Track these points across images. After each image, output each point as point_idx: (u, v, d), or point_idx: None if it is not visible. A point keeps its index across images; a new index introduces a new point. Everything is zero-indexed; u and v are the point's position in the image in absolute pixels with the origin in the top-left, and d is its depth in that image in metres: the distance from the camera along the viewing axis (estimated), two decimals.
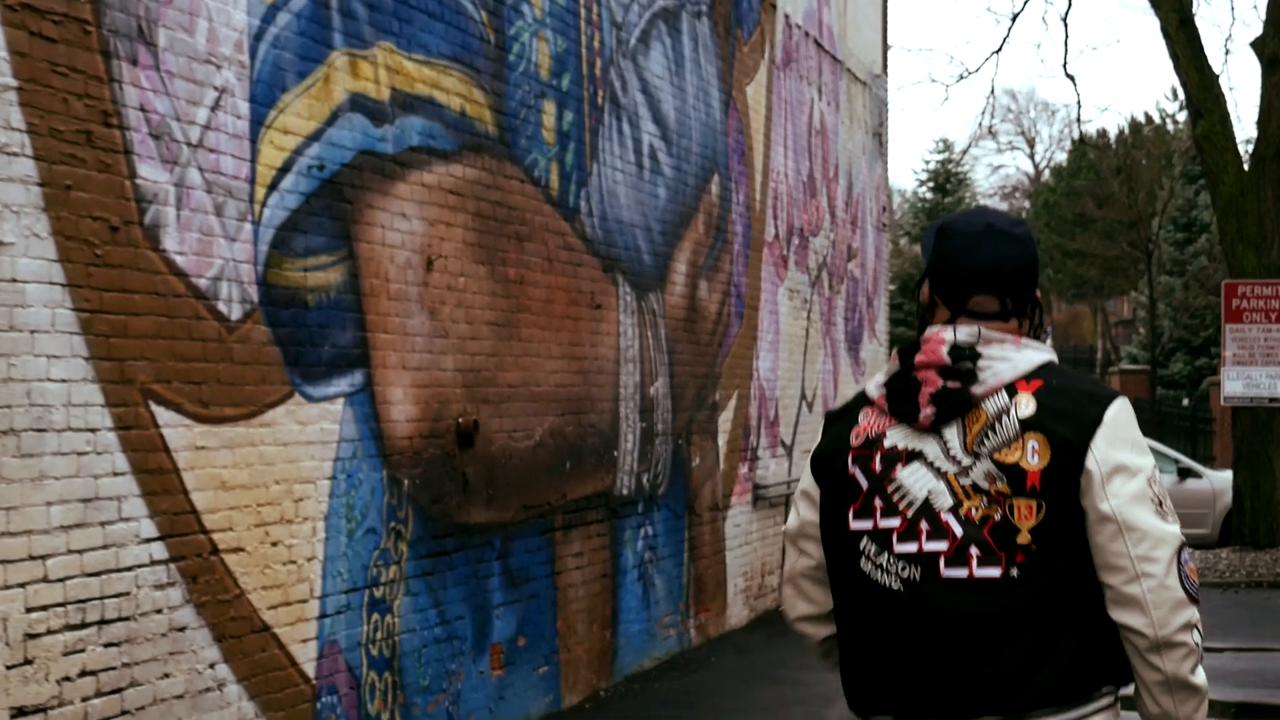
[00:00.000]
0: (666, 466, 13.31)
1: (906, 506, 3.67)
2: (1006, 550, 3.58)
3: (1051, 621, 3.59)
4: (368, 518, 8.78)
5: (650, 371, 12.96)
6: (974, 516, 3.61)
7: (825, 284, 18.61)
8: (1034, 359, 3.71)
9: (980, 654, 3.59)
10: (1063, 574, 3.60)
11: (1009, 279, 3.77)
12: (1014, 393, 3.66)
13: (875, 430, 3.75)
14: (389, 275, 9.00)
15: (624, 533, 12.44)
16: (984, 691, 3.59)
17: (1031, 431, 3.61)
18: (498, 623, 10.30)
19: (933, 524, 3.64)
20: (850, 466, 3.75)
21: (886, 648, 3.68)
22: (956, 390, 3.69)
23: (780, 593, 4.08)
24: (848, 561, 3.75)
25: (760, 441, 15.99)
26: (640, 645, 12.75)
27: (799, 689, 12.30)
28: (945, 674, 3.62)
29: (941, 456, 3.68)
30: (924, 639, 3.63)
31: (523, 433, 10.63)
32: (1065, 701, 3.60)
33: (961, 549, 3.60)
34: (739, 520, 15.28)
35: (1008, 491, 3.59)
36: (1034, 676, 3.58)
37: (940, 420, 3.69)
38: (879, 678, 3.71)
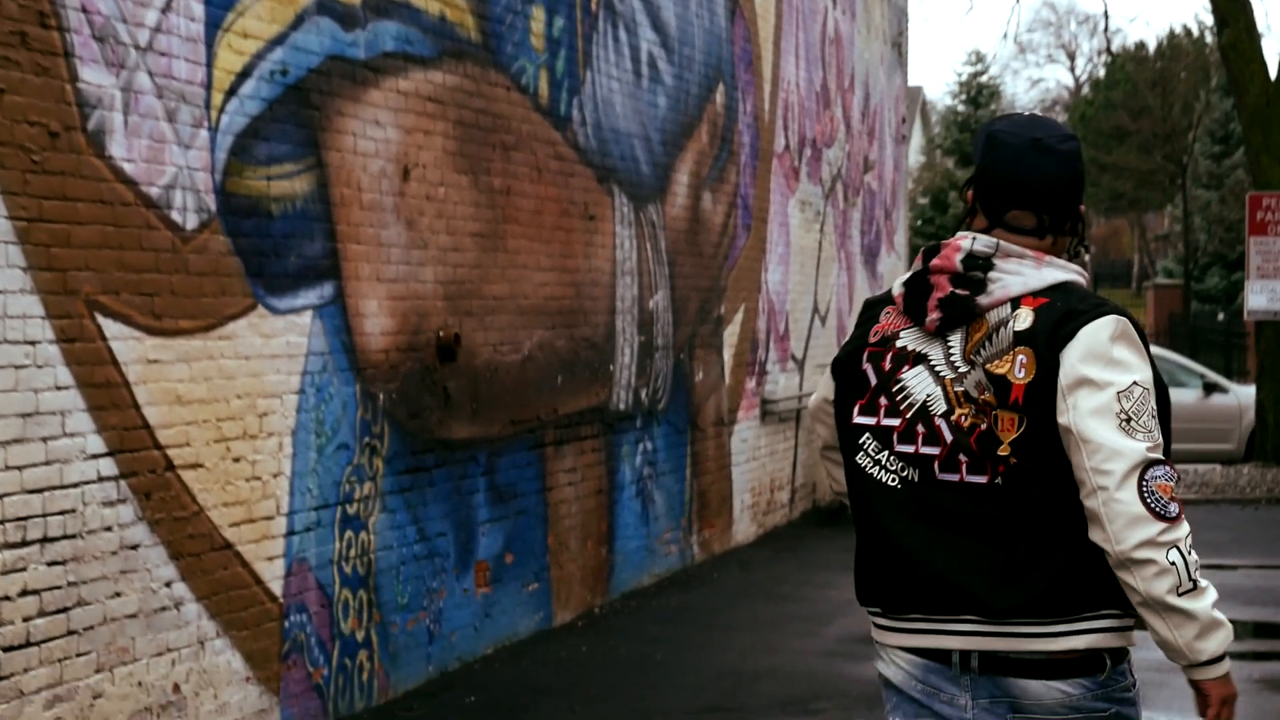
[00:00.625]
0: (667, 381, 13.09)
1: (907, 408, 3.74)
2: (989, 460, 3.62)
3: (1040, 533, 3.62)
4: (339, 433, 8.58)
5: (649, 284, 12.71)
6: (963, 424, 3.66)
7: (840, 196, 18.31)
8: (1050, 277, 3.72)
9: (967, 557, 3.65)
10: (1048, 489, 3.61)
11: (1047, 196, 3.77)
12: (1017, 306, 3.68)
13: (891, 329, 3.83)
14: (361, 184, 8.77)
15: (621, 448, 12.24)
16: (966, 593, 3.64)
17: (1022, 345, 3.63)
18: (483, 539, 10.12)
19: (928, 428, 3.71)
20: (864, 362, 3.84)
21: (881, 542, 3.76)
22: (963, 298, 3.71)
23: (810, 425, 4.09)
24: (849, 452, 3.85)
25: (769, 356, 15.75)
26: (639, 562, 12.57)
27: (799, 605, 12.12)
28: (932, 572, 3.68)
29: (943, 362, 3.73)
30: (916, 537, 3.71)
31: (510, 346, 10.41)
32: (1048, 615, 3.61)
33: (952, 454, 3.67)
34: (745, 436, 15.06)
35: (994, 402, 3.63)
36: (1017, 585, 3.61)
37: (945, 326, 3.73)
38: (873, 570, 3.79)
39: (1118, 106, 51.98)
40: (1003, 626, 3.64)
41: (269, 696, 8.02)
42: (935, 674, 3.75)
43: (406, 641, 9.26)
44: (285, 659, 8.15)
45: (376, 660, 8.95)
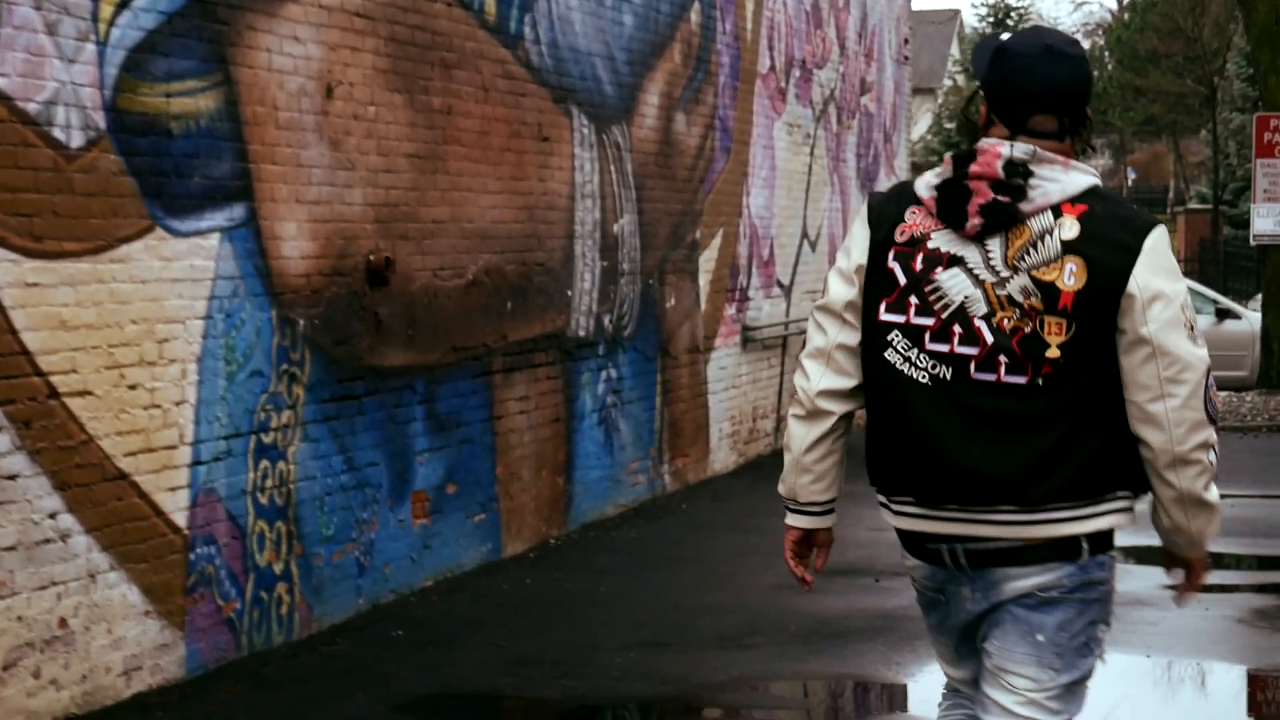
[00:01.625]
0: (634, 307, 12.78)
1: (942, 308, 3.90)
2: (1033, 361, 3.82)
3: (1071, 426, 3.85)
4: (252, 360, 8.31)
5: (614, 208, 12.40)
6: (1005, 327, 3.84)
7: (832, 119, 17.92)
8: (1081, 182, 3.89)
9: (1002, 448, 3.86)
10: (1086, 387, 3.85)
11: (1066, 98, 3.95)
12: (1059, 214, 3.85)
13: (921, 230, 3.96)
14: (277, 103, 8.47)
15: (580, 375, 11.95)
16: (1002, 482, 3.86)
17: (1072, 254, 3.82)
18: (421, 469, 9.85)
19: (965, 328, 3.87)
20: (890, 261, 3.96)
21: (911, 434, 3.93)
22: (1006, 205, 3.86)
23: (803, 365, 4.14)
24: (874, 349, 3.97)
25: (751, 282, 15.43)
26: (601, 492, 12.30)
27: (762, 537, 11.83)
28: (967, 464, 3.88)
29: (982, 266, 3.89)
30: (949, 431, 3.89)
31: (451, 271, 10.11)
32: (1078, 498, 3.87)
33: (991, 355, 3.85)
34: (724, 363, 14.76)
35: (1040, 308, 3.82)
36: (1050, 473, 3.85)
37: (986, 231, 3.88)
38: (903, 461, 3.96)
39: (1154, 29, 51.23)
40: (1038, 514, 3.88)
41: (172, 630, 7.78)
42: (940, 573, 4.04)
43: (333, 574, 9.01)
44: (191, 592, 7.91)
45: (298, 593, 8.71)
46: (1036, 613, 3.97)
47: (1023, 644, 3.99)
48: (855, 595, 9.86)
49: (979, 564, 3.98)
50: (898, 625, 9.09)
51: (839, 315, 4.08)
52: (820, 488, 4.22)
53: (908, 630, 8.94)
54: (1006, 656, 4.00)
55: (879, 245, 4.00)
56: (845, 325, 4.07)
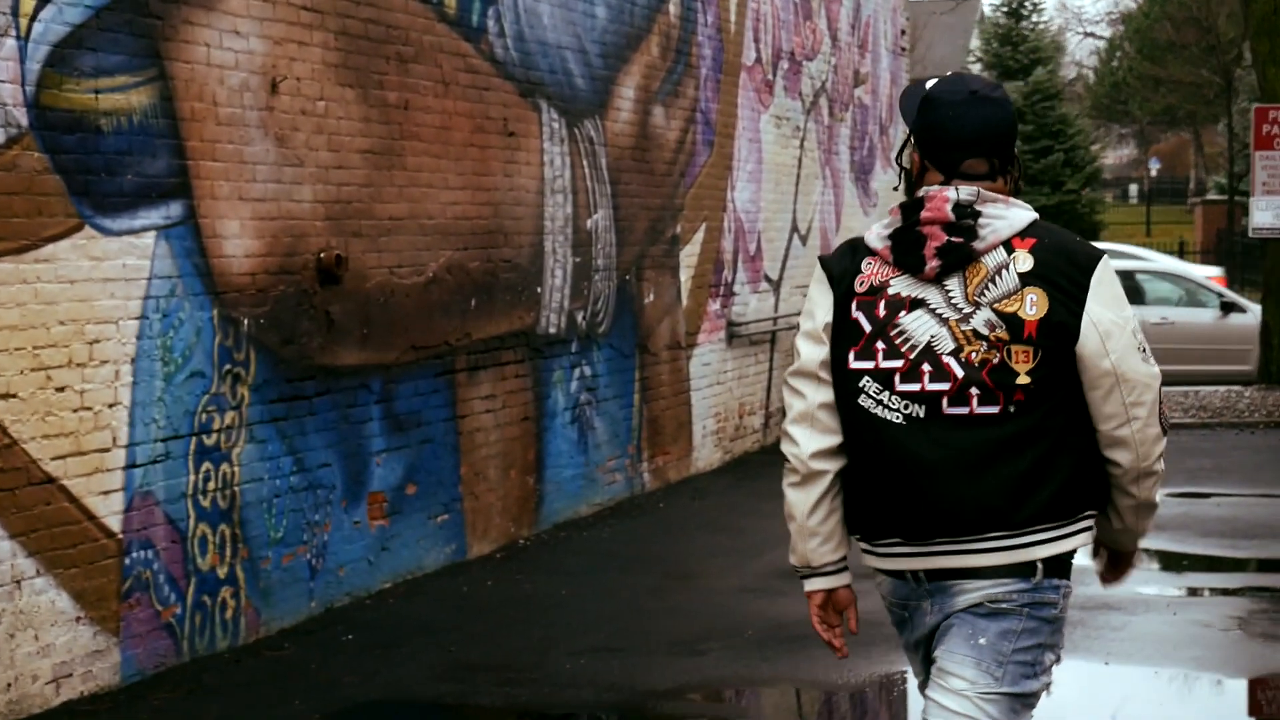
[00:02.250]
0: (609, 303, 12.62)
1: (909, 350, 4.03)
2: (1004, 390, 3.97)
3: (1046, 448, 3.99)
4: (192, 360, 8.16)
5: (587, 203, 12.23)
6: (974, 360, 3.98)
7: (824, 111, 17.73)
8: (1024, 217, 4.07)
9: (982, 476, 3.99)
10: (1056, 409, 4.00)
11: (995, 141, 4.13)
12: (1011, 249, 4.03)
13: (879, 279, 4.09)
14: (218, 98, 8.31)
15: (551, 373, 11.79)
16: (988, 509, 3.98)
17: (1030, 285, 3.98)
18: (378, 470, 9.70)
19: (935, 366, 4.01)
20: (854, 311, 4.09)
21: (891, 475, 4.05)
22: (960, 245, 4.03)
23: (789, 433, 4.22)
24: (847, 397, 4.10)
25: (737, 276, 15.25)
26: (574, 491, 12.14)
27: (738, 538, 11.68)
28: (951, 496, 3.99)
29: (944, 305, 4.03)
30: (928, 467, 4.01)
31: (410, 268, 9.96)
32: (1058, 518, 4.01)
33: (962, 389, 3.98)
34: (708, 359, 14.59)
35: (1006, 338, 3.97)
36: (1032, 494, 3.98)
37: (944, 272, 4.03)
38: (886, 503, 4.08)
39: (1170, 19, 50.91)
40: (1023, 536, 3.99)
41: (106, 636, 7.64)
42: (904, 588, 4.16)
43: (282, 577, 8.86)
44: (126, 597, 7.77)
45: (244, 597, 8.56)
46: (982, 619, 4.05)
47: (964, 645, 4.07)
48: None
49: (936, 578, 4.09)
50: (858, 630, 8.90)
51: (814, 376, 4.18)
52: (830, 548, 4.28)
53: (866, 636, 8.76)
54: (948, 658, 4.09)
55: (841, 299, 4.13)
56: (821, 384, 4.17)
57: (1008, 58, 42.81)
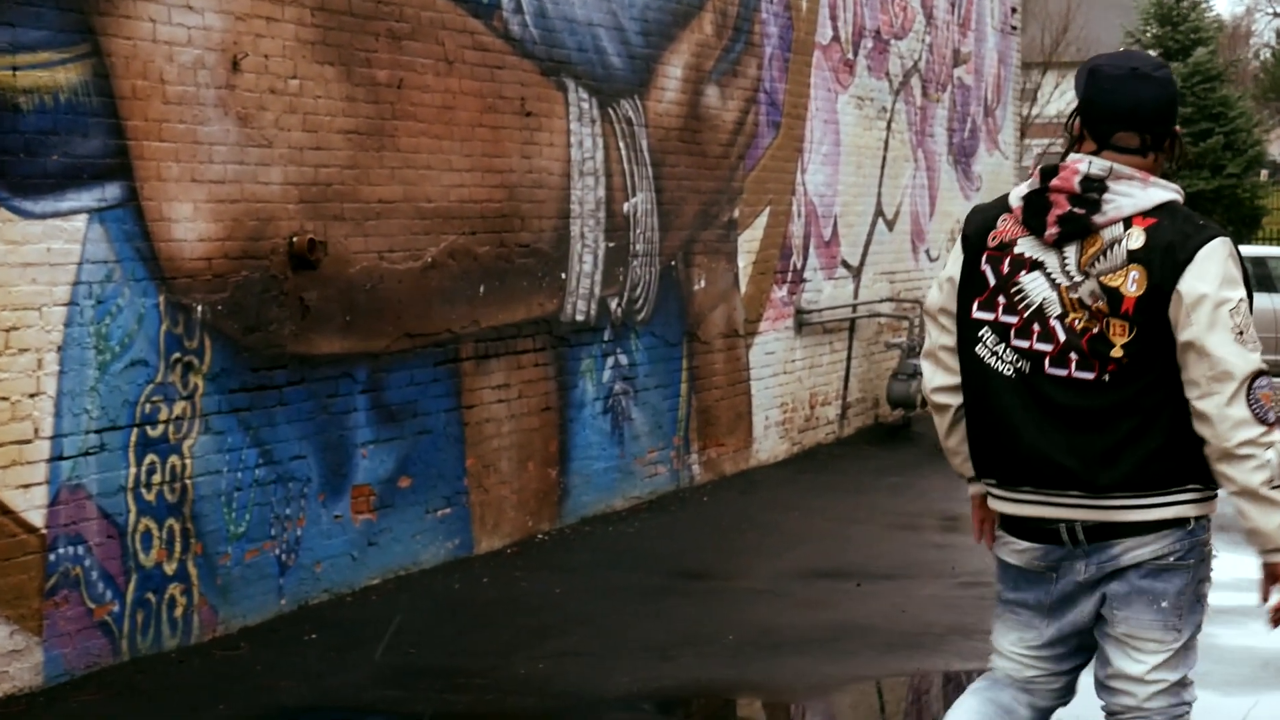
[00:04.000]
0: (650, 290, 12.18)
1: (1024, 308, 4.34)
2: (1099, 359, 4.23)
3: (1137, 422, 4.24)
4: (132, 348, 7.86)
5: (623, 186, 11.79)
6: (1076, 326, 4.26)
7: (915, 92, 17.12)
8: (1156, 197, 4.30)
9: (1071, 441, 4.27)
10: (1149, 385, 4.23)
11: (1148, 118, 4.35)
12: (1129, 225, 4.26)
13: (1009, 236, 4.41)
14: (165, 76, 8.00)
15: (578, 362, 11.38)
16: (1070, 471, 4.27)
17: (1135, 263, 4.23)
18: (364, 463, 9.36)
19: (1043, 327, 4.31)
20: (983, 264, 4.42)
21: (996, 421, 4.38)
22: (1080, 216, 4.30)
23: (920, 366, 4.91)
24: (967, 344, 4.44)
25: (808, 262, 14.72)
26: (607, 484, 11.72)
27: (768, 535, 11.23)
28: (1040, 451, 4.30)
29: (1059, 270, 4.32)
30: (1027, 421, 4.32)
31: (404, 253, 9.60)
32: (1143, 489, 4.26)
33: (1063, 352, 4.27)
34: (772, 348, 14.09)
35: (1106, 311, 4.23)
36: (1114, 464, 4.24)
37: (1062, 239, 4.31)
38: (989, 446, 4.43)
39: None
40: (1101, 500, 4.28)
41: (25, 635, 7.36)
42: (1055, 551, 4.39)
43: (244, 574, 8.55)
44: (50, 595, 7.47)
45: (197, 594, 8.26)
46: (1158, 581, 4.34)
47: (1149, 611, 4.34)
48: (822, 603, 9.21)
49: (1095, 538, 4.34)
50: (841, 638, 8.44)
51: (935, 319, 4.59)
52: (970, 465, 4.62)
53: (846, 646, 8.31)
54: (1135, 624, 4.36)
55: (973, 250, 4.46)
56: (942, 330, 4.57)
57: (1167, 38, 41.63)
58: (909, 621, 8.79)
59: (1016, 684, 4.63)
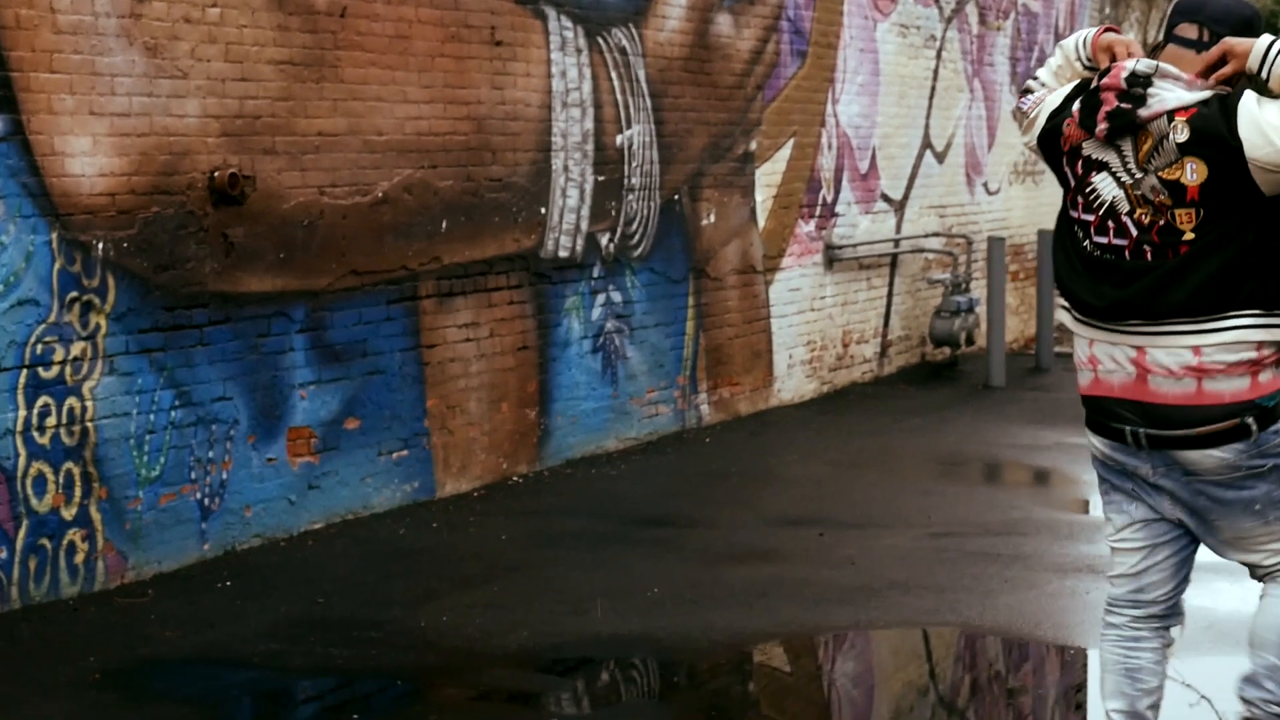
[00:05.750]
0: (649, 225, 11.78)
1: (1099, 207, 4.68)
2: (1172, 246, 4.58)
3: (1195, 261, 4.57)
4: (19, 287, 7.62)
5: (616, 118, 11.39)
6: (1144, 221, 4.60)
7: (971, 20, 16.50)
8: (1198, 95, 4.56)
9: (1132, 281, 4.64)
10: (1217, 241, 4.56)
11: (1214, 15, 4.66)
12: (1172, 118, 4.54)
13: (1075, 140, 4.74)
14: (55, 5, 7.72)
15: (562, 300, 11.03)
16: (1131, 304, 4.64)
17: (1189, 155, 4.52)
18: (303, 404, 9.09)
19: (1117, 224, 4.65)
20: (1064, 165, 4.80)
21: (1077, 265, 4.79)
22: (1125, 111, 4.58)
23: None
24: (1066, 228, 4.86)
25: (840, 196, 14.23)
26: (597, 425, 11.38)
27: (752, 482, 10.84)
28: (1105, 296, 4.70)
29: (1121, 169, 4.63)
30: (1105, 274, 4.70)
31: (349, 188, 9.29)
32: (1199, 313, 4.57)
33: (1138, 245, 4.63)
34: (797, 284, 13.65)
35: (1169, 203, 4.56)
36: (1167, 294, 4.59)
37: (1112, 134, 4.61)
38: (1062, 275, 4.85)
39: None
40: (1162, 325, 4.61)
41: None
42: (1120, 450, 4.79)
43: (159, 519, 8.31)
44: None
45: (101, 539, 8.03)
46: (1245, 490, 4.68)
47: (1247, 519, 4.72)
48: (771, 554, 8.85)
49: (1157, 446, 4.70)
50: (771, 591, 8.08)
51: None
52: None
53: (772, 601, 7.93)
54: (1238, 530, 4.76)
55: (1052, 144, 4.85)
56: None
57: None
58: (852, 575, 8.39)
59: (1129, 606, 5.03)
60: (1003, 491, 10.78)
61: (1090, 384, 4.84)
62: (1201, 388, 4.62)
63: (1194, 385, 4.62)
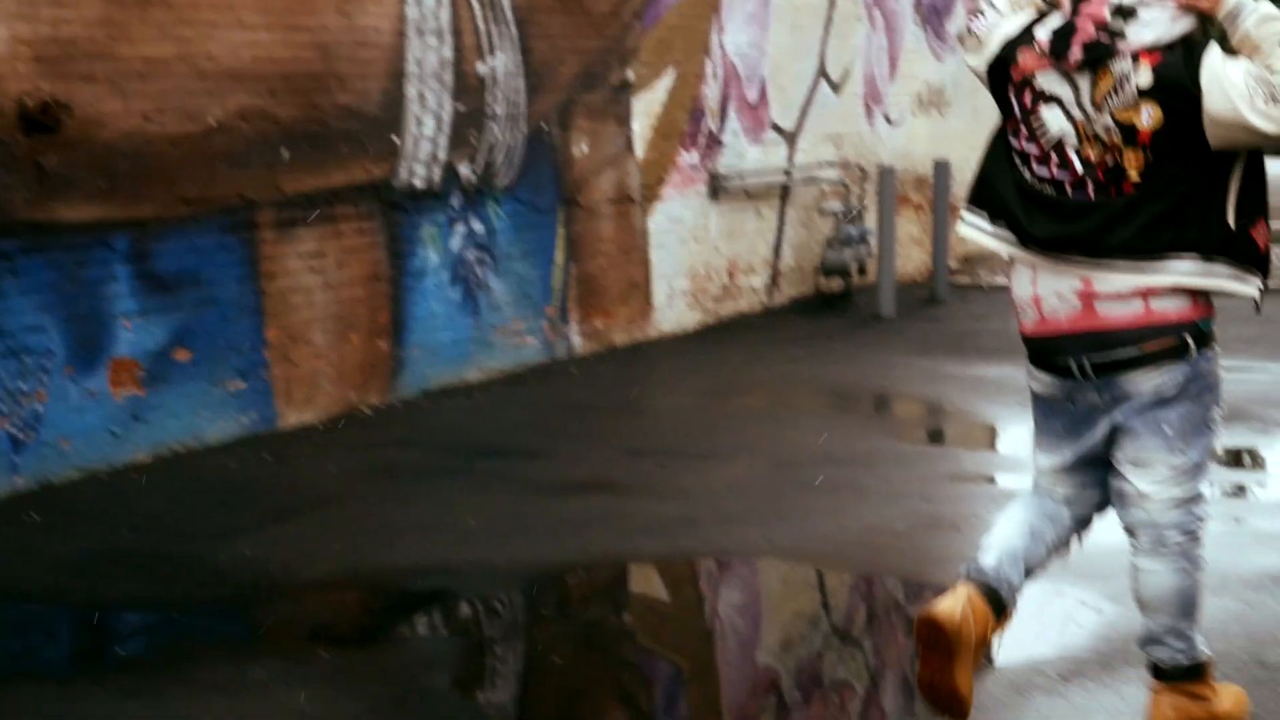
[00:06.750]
0: (514, 155, 11.62)
1: (1044, 139, 4.69)
2: (1116, 185, 4.62)
3: (1140, 204, 4.61)
4: None
5: (477, 46, 11.21)
6: (1091, 158, 4.62)
7: None
8: (1177, 29, 4.59)
9: (1076, 218, 4.67)
10: (1163, 186, 4.60)
11: None
12: (1137, 61, 4.56)
13: (1030, 70, 4.73)
14: None
15: (418, 230, 10.87)
16: (1077, 240, 4.66)
17: (1147, 99, 4.55)
18: (126, 334, 8.93)
19: (1061, 157, 4.67)
20: (1010, 94, 4.78)
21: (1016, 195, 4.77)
22: (1105, 44, 4.58)
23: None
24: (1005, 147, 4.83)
25: (727, 126, 14.06)
26: (457, 356, 11.24)
27: (609, 414, 10.71)
28: (1048, 224, 4.71)
29: (1074, 105, 4.64)
30: (1044, 207, 4.72)
31: (178, 115, 9.10)
32: (1141, 253, 4.62)
33: (1081, 181, 4.65)
34: (679, 214, 13.50)
35: (1120, 144, 4.59)
36: (1111, 234, 4.62)
37: (1083, 66, 4.61)
38: (1005, 201, 4.80)
39: None
40: (1103, 260, 4.65)
41: None
42: (1069, 383, 4.79)
43: None
44: None
45: None
46: (1160, 410, 4.71)
47: (1154, 438, 4.74)
48: (601, 486, 8.76)
49: (1104, 372, 4.71)
50: (581, 524, 7.98)
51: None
52: None
53: (577, 534, 7.82)
54: (1142, 449, 4.76)
55: (1000, 71, 4.81)
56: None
57: None
58: (680, 506, 8.28)
59: (1057, 498, 5.01)
60: (859, 422, 10.66)
61: (1036, 324, 4.84)
62: (1149, 307, 4.67)
63: (1141, 306, 4.67)
